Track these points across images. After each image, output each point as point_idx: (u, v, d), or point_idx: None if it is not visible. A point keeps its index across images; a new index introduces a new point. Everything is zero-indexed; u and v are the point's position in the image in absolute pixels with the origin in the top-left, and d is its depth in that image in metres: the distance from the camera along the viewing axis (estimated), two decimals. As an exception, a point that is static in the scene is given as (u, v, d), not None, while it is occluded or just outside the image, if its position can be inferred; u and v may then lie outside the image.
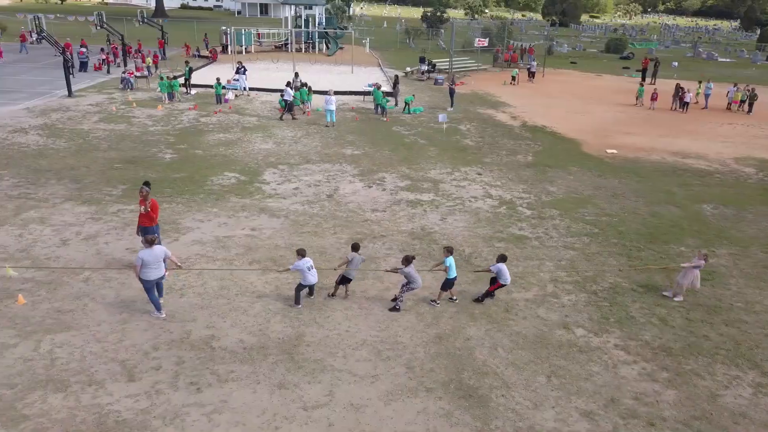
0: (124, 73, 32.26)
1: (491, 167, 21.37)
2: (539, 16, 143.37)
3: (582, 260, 14.21)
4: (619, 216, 17.07)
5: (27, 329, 10.51)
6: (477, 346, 10.62)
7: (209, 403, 8.92)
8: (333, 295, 11.96)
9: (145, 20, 43.05)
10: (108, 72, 36.86)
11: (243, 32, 47.37)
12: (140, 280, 10.69)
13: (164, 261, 10.85)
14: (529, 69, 42.03)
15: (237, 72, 30.83)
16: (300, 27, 50.31)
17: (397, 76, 32.43)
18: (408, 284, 11.46)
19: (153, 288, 10.84)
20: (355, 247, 11.94)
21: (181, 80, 31.31)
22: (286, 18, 52.41)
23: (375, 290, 12.45)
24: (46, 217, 15.36)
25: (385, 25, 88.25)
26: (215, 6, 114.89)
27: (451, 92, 30.27)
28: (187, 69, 31.50)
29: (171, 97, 29.40)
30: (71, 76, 30.18)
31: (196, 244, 14.06)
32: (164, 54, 43.28)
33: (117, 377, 9.37)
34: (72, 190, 17.34)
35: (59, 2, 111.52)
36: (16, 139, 22.05)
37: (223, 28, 49.33)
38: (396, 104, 30.37)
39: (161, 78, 29.68)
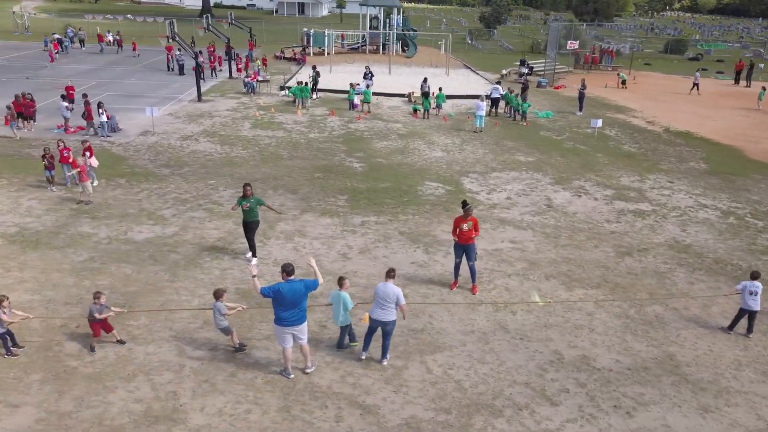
0: (246, 77, 32.10)
1: (675, 175, 21.26)
2: (568, 16, 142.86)
3: None
4: None
5: (399, 349, 10.43)
6: None
7: (651, 427, 8.83)
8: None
9: (233, 22, 42.79)
10: (214, 75, 36.61)
11: (324, 34, 47.16)
12: None
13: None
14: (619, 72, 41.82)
15: (365, 77, 30.67)
16: (376, 28, 50.14)
17: (526, 81, 32.22)
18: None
19: None
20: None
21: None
22: (362, 18, 52.11)
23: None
24: (299, 229, 15.28)
25: (428, 25, 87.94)
26: (248, 5, 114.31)
27: (581, 96, 30.10)
28: (315, 73, 31.35)
29: (302, 101, 29.26)
30: (201, 80, 29.99)
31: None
32: (252, 56, 43.09)
33: (536, 400, 9.28)
34: (297, 201, 17.25)
35: (93, 2, 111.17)
36: (193, 147, 21.95)
37: (305, 29, 49.13)
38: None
39: (297, 82, 29.52)
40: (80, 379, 9.31)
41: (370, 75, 30.90)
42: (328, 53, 47.28)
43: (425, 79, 30.46)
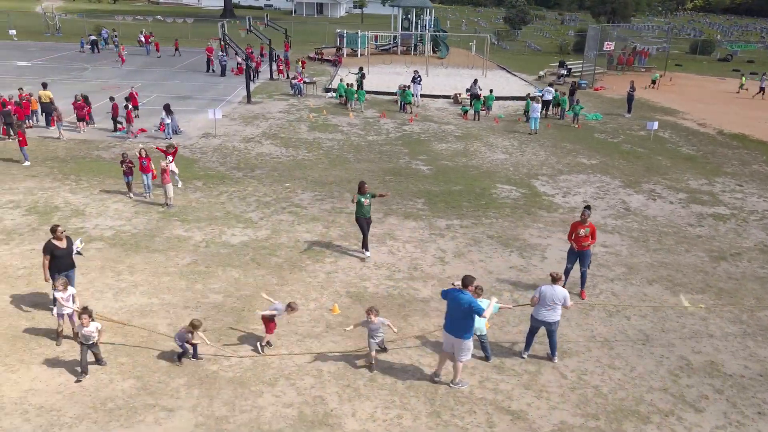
0: (293, 79, 32.18)
1: (741, 178, 21.21)
2: (583, 16, 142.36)
3: None
4: None
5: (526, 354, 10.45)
6: None
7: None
8: None
9: (269, 23, 42.87)
10: (254, 77, 36.61)
11: (358, 35, 47.22)
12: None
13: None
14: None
15: (413, 81, 30.69)
16: (407, 29, 50.15)
17: (574, 83, 32.17)
18: None
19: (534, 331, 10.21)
20: None
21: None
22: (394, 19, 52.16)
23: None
24: (388, 232, 15.34)
25: (448, 25, 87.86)
26: (266, 5, 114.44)
27: (630, 98, 30.03)
28: (360, 74, 31.40)
29: (350, 103, 29.33)
30: (251, 81, 30.08)
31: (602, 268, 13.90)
32: (288, 57, 43.12)
33: (679, 407, 9.28)
34: (376, 204, 17.06)
35: (112, 2, 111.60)
36: (258, 149, 22.03)
37: (338, 30, 49.21)
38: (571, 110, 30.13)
39: (348, 84, 29.60)
40: (225, 383, 9.38)
41: (419, 79, 30.90)
42: (362, 54, 47.39)
43: (475, 81, 30.44)
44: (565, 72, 39.00)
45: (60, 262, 10.44)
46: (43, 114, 23.52)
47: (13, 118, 21.45)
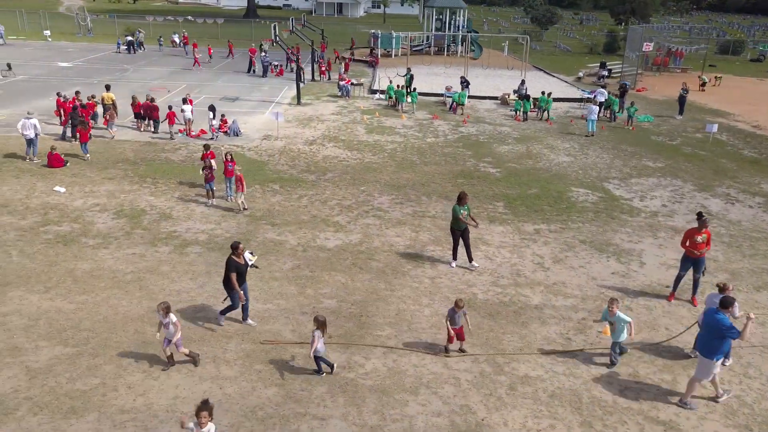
0: (341, 80, 32.13)
1: (814, 181, 20.98)
2: (599, 15, 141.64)
3: None
4: None
5: (658, 363, 10.32)
6: None
7: None
8: None
9: (305, 23, 42.87)
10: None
11: (392, 35, 47.14)
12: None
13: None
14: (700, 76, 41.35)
15: (462, 86, 30.59)
16: (439, 29, 50.02)
17: (624, 84, 31.96)
18: None
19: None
20: None
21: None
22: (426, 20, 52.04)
23: None
24: (478, 237, 15.21)
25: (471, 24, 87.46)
26: (284, 5, 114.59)
27: (682, 100, 29.80)
28: (409, 76, 31.32)
29: (400, 104, 29.25)
30: (301, 83, 30.05)
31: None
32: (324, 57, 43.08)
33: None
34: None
35: (132, 2, 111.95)
36: (324, 152, 21.99)
37: (372, 31, 49.14)
38: (621, 112, 29.97)
39: (397, 86, 29.55)
40: (367, 391, 9.32)
41: (466, 83, 30.81)
42: (395, 55, 47.33)
43: (522, 82, 30.30)
44: (606, 73, 38.73)
45: (240, 279, 10.48)
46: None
47: (82, 118, 21.50)
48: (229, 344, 10.36)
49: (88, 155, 19.80)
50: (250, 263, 11.05)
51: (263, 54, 37.12)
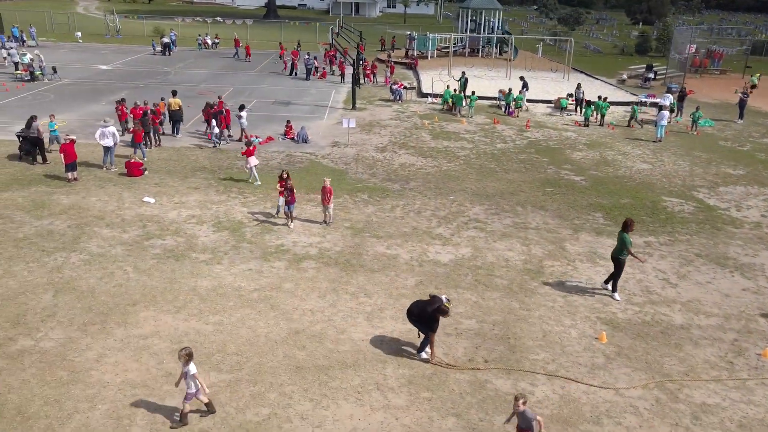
0: (394, 84, 31.69)
1: None
2: (614, 15, 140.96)
3: None
4: None
5: None
6: None
7: None
8: None
9: (343, 25, 42.43)
10: (343, 81, 36.04)
11: (428, 37, 46.70)
12: None
13: None
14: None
15: (524, 87, 30.15)
16: (474, 31, 49.56)
17: (683, 88, 31.49)
18: None
19: None
20: None
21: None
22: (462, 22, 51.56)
23: None
24: (592, 250, 14.79)
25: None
26: (299, 5, 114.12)
27: (742, 104, 29.33)
28: (464, 79, 30.87)
29: (457, 108, 28.82)
30: (357, 87, 29.62)
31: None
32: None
33: None
34: (554, 218, 16.80)
35: (147, 1, 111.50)
36: (399, 160, 21.59)
37: (409, 32, 48.70)
38: (680, 116, 29.53)
39: (454, 90, 29.12)
40: (549, 421, 8.89)
41: (525, 86, 30.40)
42: (432, 56, 46.85)
43: (578, 85, 29.86)
44: (652, 76, 38.23)
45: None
46: (171, 122, 23.15)
47: (151, 125, 21.13)
48: (386, 369, 9.95)
49: (145, 158, 19.79)
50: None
51: (306, 56, 36.66)
